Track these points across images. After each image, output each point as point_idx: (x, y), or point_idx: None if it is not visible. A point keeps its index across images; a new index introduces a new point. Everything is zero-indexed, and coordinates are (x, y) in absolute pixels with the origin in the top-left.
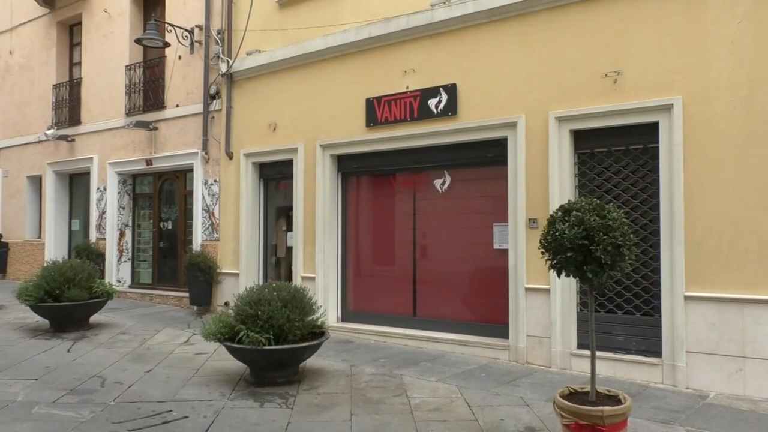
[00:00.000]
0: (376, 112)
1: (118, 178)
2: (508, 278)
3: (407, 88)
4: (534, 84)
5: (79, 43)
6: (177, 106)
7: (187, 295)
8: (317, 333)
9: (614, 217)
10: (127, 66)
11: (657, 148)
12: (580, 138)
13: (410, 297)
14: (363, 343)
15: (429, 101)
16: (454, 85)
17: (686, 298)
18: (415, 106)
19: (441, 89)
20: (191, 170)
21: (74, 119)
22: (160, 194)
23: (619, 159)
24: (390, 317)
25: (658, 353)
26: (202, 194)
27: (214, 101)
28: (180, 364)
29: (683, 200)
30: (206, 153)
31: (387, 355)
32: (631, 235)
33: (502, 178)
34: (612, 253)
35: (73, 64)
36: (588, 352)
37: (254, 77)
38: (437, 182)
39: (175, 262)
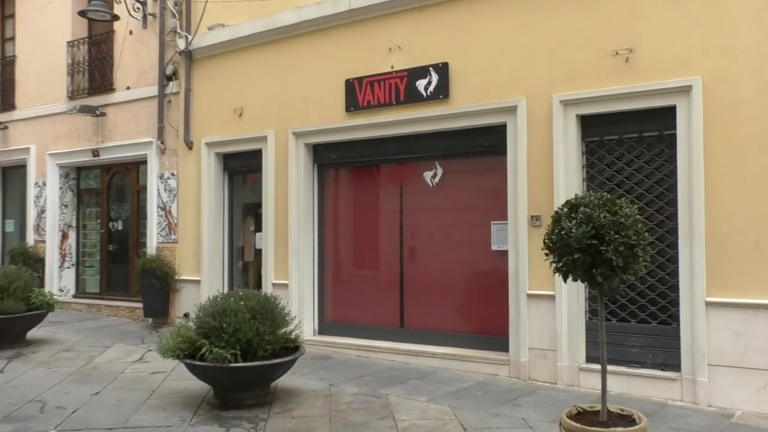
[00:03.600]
0: (357, 95)
1: (59, 171)
2: (508, 283)
3: (392, 67)
4: (536, 63)
5: (12, 15)
6: (128, 88)
7: (140, 305)
8: (291, 348)
9: (627, 214)
10: (69, 42)
11: (674, 136)
12: (588, 124)
13: (397, 306)
14: (343, 358)
15: (417, 83)
16: (445, 65)
17: (708, 304)
18: (402, 88)
19: (431, 69)
20: (145, 162)
21: (7, 103)
22: (108, 190)
23: (631, 148)
24: (374, 329)
25: (676, 367)
26: (158, 190)
27: (171, 83)
28: (133, 385)
29: (704, 194)
30: (162, 142)
31: (370, 372)
32: (646, 234)
33: (501, 169)
34: (624, 254)
35: (6, 40)
36: (598, 367)
37: (217, 55)
38: (427, 175)
39: (126, 268)
